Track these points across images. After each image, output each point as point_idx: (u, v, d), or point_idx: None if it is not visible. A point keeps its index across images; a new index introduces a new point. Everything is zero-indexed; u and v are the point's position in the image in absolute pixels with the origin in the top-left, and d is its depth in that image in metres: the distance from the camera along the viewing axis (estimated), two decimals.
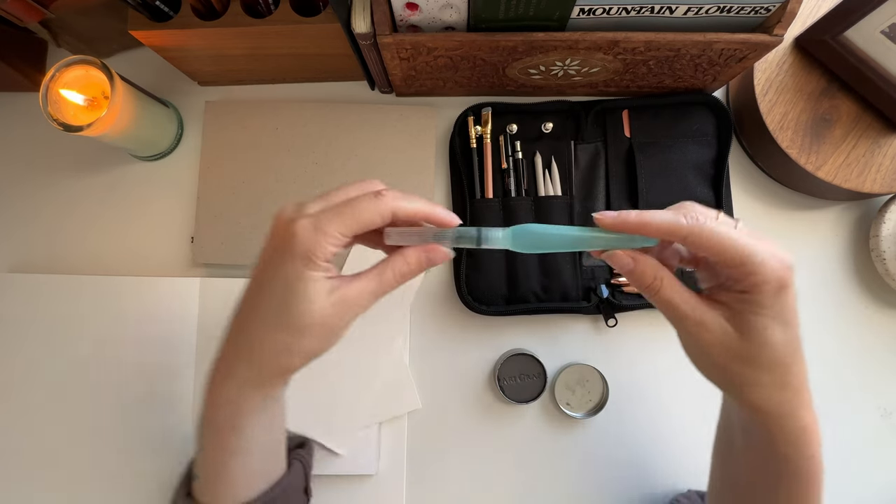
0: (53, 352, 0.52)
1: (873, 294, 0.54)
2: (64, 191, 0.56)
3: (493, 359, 0.53)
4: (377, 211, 0.31)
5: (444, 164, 0.56)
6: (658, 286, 0.32)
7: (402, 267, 0.34)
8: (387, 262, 0.34)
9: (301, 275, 0.31)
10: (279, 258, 0.32)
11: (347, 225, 0.31)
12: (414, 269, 0.34)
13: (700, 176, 0.54)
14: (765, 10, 0.42)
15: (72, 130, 0.45)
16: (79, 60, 0.46)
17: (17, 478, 0.51)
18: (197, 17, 0.46)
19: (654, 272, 0.32)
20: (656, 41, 0.44)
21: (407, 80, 0.52)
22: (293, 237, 0.31)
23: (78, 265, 0.55)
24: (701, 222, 0.30)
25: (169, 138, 0.56)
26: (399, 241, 0.33)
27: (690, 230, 0.30)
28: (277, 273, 0.32)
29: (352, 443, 0.51)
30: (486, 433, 0.52)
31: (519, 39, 0.43)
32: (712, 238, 0.30)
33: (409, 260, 0.34)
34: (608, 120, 0.55)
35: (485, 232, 0.33)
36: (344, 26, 0.44)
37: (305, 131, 0.56)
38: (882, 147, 0.51)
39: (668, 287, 0.32)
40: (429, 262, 0.34)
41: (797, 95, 0.52)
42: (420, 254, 0.34)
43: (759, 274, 0.30)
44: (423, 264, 0.34)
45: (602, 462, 0.52)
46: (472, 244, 0.33)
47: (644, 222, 0.31)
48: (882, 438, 0.53)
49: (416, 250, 0.33)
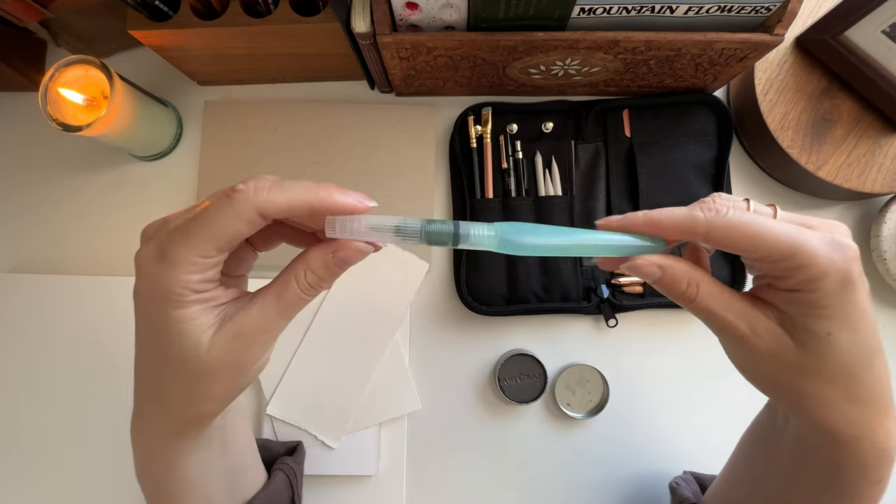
0: (53, 352, 0.52)
1: (874, 294, 0.54)
2: (63, 191, 0.56)
3: (493, 359, 0.53)
4: (235, 215, 0.24)
5: (444, 163, 0.56)
6: (693, 294, 0.27)
7: (308, 276, 0.27)
8: (288, 271, 0.27)
9: (166, 318, 0.25)
10: (136, 300, 0.26)
11: (202, 242, 0.24)
12: (323, 275, 0.27)
13: (701, 176, 0.54)
14: (765, 9, 0.42)
15: (71, 130, 0.45)
16: (78, 60, 0.46)
17: (16, 477, 0.51)
18: (196, 16, 0.46)
19: (688, 277, 0.27)
20: (657, 41, 0.43)
21: (407, 79, 0.52)
22: (138, 275, 0.25)
23: (78, 265, 0.55)
24: (723, 213, 0.25)
25: (168, 138, 0.56)
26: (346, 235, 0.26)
27: (710, 224, 0.25)
28: (143, 319, 0.26)
29: (351, 443, 0.51)
30: (486, 433, 0.52)
31: (519, 39, 0.43)
32: (740, 230, 0.25)
33: (312, 266, 0.26)
34: (609, 120, 0.55)
35: (465, 228, 0.26)
36: (344, 26, 0.44)
37: (305, 131, 0.56)
38: (883, 147, 0.51)
39: (706, 294, 0.27)
40: (340, 263, 0.27)
41: (798, 95, 0.52)
42: (324, 255, 0.26)
43: (814, 267, 0.24)
44: (332, 268, 0.27)
45: (602, 462, 0.52)
46: (448, 242, 0.26)
47: (654, 221, 0.27)
48: None
49: (319, 251, 0.27)
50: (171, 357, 0.26)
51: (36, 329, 0.52)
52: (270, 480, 0.39)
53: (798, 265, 0.24)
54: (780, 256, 0.25)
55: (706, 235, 0.26)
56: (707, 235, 0.26)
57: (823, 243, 0.24)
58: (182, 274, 0.24)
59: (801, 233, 0.25)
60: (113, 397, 0.51)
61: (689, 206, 0.27)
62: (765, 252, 0.25)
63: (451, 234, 0.26)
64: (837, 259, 0.24)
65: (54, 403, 0.51)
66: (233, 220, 0.24)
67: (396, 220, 0.26)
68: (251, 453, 0.38)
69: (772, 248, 0.25)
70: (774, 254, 0.25)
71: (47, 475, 0.51)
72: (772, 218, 0.26)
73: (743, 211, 0.26)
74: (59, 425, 0.51)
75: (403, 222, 0.26)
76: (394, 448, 0.52)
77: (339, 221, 0.26)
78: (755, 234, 0.25)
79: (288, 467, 0.41)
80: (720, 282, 0.27)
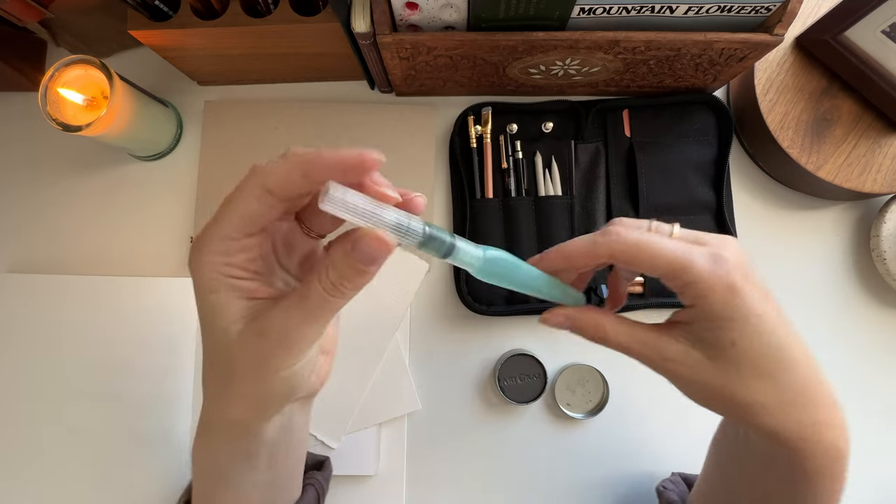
0: (52, 352, 0.52)
1: (873, 294, 0.54)
2: (63, 191, 0.56)
3: (493, 359, 0.53)
4: (247, 191, 0.24)
5: (443, 163, 0.56)
6: (603, 335, 0.29)
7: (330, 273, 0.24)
8: (313, 270, 0.25)
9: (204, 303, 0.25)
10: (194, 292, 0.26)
11: (223, 223, 0.24)
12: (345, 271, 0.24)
13: (701, 176, 0.54)
14: (765, 9, 0.42)
15: (71, 130, 0.45)
16: (78, 60, 0.46)
17: (16, 477, 0.51)
18: (196, 16, 0.46)
19: (594, 323, 0.29)
20: (657, 41, 0.43)
21: (407, 79, 0.52)
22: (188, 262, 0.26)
23: (77, 265, 0.55)
24: (622, 236, 0.27)
25: (168, 138, 0.56)
26: (339, 211, 0.22)
27: (609, 248, 0.27)
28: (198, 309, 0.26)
29: (351, 443, 0.51)
30: (486, 433, 0.52)
31: (519, 39, 0.43)
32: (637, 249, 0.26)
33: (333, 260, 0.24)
34: (609, 119, 0.55)
35: (460, 245, 0.26)
36: (344, 26, 0.44)
37: (305, 131, 0.56)
38: (883, 147, 0.51)
39: (613, 332, 0.29)
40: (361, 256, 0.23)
41: (798, 95, 0.52)
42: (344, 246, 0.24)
43: (701, 282, 0.26)
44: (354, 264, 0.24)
45: (602, 462, 0.52)
46: (437, 254, 0.26)
47: (564, 253, 0.29)
48: (882, 438, 0.53)
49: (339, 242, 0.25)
50: (208, 345, 0.26)
51: (35, 329, 0.52)
52: (303, 496, 0.38)
53: (688, 281, 0.26)
54: (672, 274, 0.26)
55: (611, 258, 0.28)
56: (612, 257, 0.27)
57: (705, 259, 0.26)
58: (208, 255, 0.25)
59: (689, 250, 0.26)
60: (112, 397, 0.51)
61: (591, 233, 0.29)
62: (661, 270, 0.26)
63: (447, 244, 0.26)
64: (719, 271, 0.26)
65: (53, 403, 0.51)
66: (245, 198, 0.24)
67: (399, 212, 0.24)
68: (299, 470, 0.36)
69: (665, 265, 0.26)
70: (668, 272, 0.26)
71: (47, 475, 0.51)
72: (668, 237, 0.28)
73: (642, 232, 0.28)
74: (59, 425, 0.51)
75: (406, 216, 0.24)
76: (394, 448, 0.52)
77: (334, 185, 0.22)
78: (650, 253, 0.26)
79: (319, 483, 0.41)
80: (628, 319, 0.29)
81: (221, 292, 0.25)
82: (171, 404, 0.51)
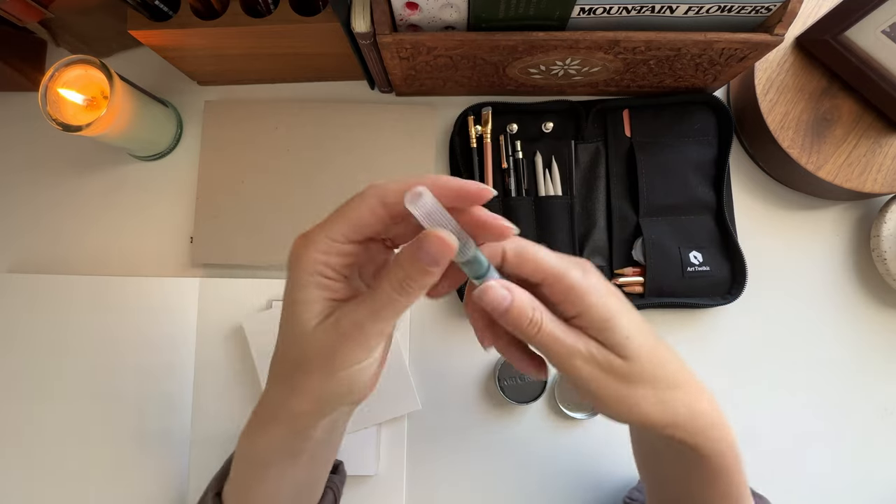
0: (53, 352, 0.52)
1: (873, 294, 0.54)
2: (63, 191, 0.56)
3: (493, 359, 0.53)
4: (361, 202, 0.27)
5: (444, 163, 0.56)
6: (539, 320, 0.28)
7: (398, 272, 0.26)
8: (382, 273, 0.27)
9: (291, 297, 0.27)
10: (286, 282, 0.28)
11: (333, 226, 0.27)
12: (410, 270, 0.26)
13: (701, 176, 0.54)
14: (765, 9, 0.42)
15: (71, 130, 0.45)
16: (78, 60, 0.46)
17: (16, 477, 0.51)
18: (196, 16, 0.46)
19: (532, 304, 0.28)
20: (657, 41, 0.43)
21: (407, 79, 0.52)
22: (290, 255, 0.28)
23: (77, 265, 0.55)
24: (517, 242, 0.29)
25: (168, 138, 0.56)
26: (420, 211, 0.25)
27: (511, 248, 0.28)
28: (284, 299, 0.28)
29: (351, 443, 0.51)
30: (486, 433, 0.52)
31: (519, 39, 0.43)
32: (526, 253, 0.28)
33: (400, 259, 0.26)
34: (609, 119, 0.55)
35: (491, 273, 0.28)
36: (344, 26, 0.44)
37: (305, 131, 0.56)
38: (883, 147, 0.51)
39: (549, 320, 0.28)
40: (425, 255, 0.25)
41: (798, 95, 0.52)
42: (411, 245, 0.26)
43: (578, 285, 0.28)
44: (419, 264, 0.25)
45: (602, 462, 0.52)
46: (471, 274, 0.28)
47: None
48: (882, 438, 0.53)
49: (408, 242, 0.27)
50: (286, 337, 0.28)
51: (35, 329, 0.52)
52: (322, 500, 0.39)
53: (568, 286, 0.28)
54: (555, 279, 0.28)
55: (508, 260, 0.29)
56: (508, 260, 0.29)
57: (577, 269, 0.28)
58: (313, 252, 0.27)
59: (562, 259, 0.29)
60: (112, 397, 0.51)
61: None
62: (543, 274, 0.28)
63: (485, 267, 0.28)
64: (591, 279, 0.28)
65: (53, 404, 0.51)
66: (360, 207, 0.27)
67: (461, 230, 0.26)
68: (325, 474, 0.38)
69: (548, 271, 0.28)
70: (550, 276, 0.28)
71: (47, 475, 0.51)
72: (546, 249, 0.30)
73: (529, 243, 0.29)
74: (59, 425, 0.51)
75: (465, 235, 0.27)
76: (394, 448, 0.52)
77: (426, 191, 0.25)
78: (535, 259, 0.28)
79: (336, 487, 0.41)
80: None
81: (312, 289, 0.27)
82: (172, 404, 0.51)
